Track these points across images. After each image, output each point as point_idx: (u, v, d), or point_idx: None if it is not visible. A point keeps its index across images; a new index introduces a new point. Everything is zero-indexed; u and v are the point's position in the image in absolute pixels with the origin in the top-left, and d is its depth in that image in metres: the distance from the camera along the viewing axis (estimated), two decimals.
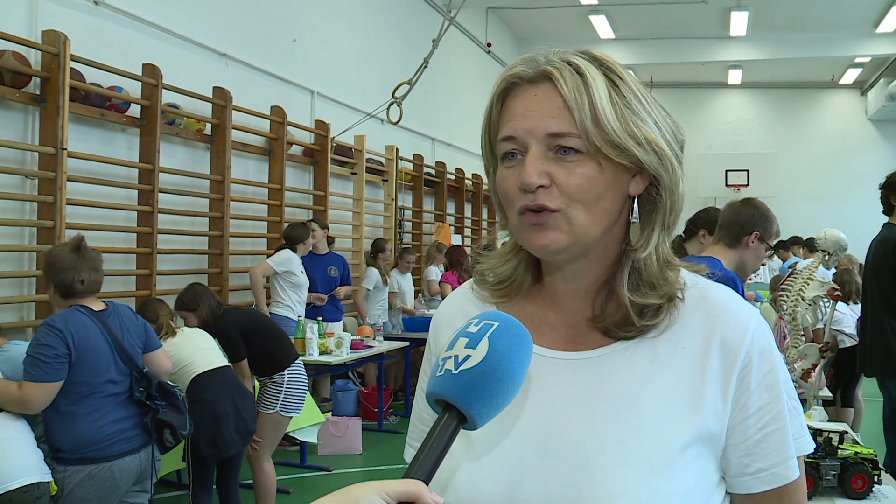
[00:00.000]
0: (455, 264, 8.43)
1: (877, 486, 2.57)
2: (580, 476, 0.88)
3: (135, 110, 5.35)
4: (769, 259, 9.59)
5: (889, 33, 13.00)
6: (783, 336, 3.52)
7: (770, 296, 6.63)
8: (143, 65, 5.36)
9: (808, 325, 3.61)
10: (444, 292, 8.28)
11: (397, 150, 9.26)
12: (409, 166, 9.82)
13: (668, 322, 0.94)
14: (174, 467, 4.54)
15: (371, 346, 6.52)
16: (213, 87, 6.12)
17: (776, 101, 17.08)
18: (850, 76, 16.04)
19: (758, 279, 9.05)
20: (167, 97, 5.55)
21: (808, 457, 0.78)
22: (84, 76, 4.88)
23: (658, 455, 0.88)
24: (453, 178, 11.25)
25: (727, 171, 15.86)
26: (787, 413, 0.94)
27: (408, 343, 7.25)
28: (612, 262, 0.97)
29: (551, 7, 11.97)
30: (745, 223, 3.15)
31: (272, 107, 6.90)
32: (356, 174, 8.51)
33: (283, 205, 7.00)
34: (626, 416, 0.90)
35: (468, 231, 11.89)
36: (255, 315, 4.62)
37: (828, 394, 4.87)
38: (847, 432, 2.83)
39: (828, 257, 3.74)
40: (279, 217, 6.94)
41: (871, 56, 14.26)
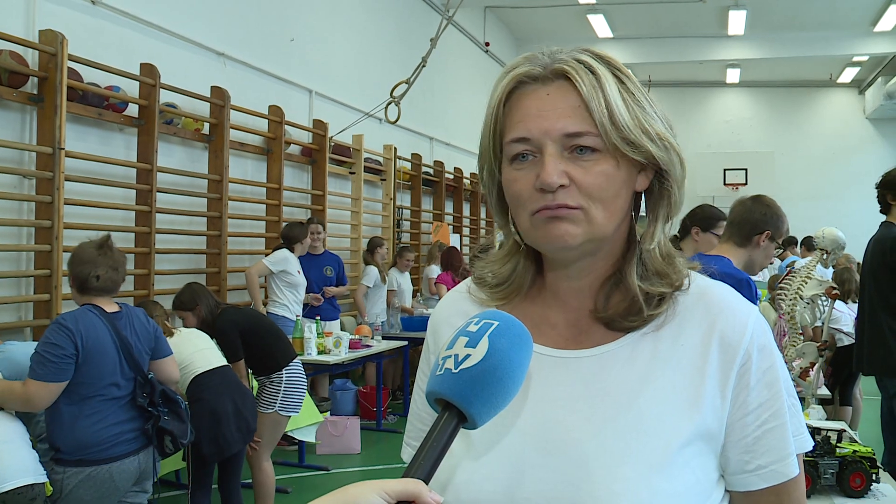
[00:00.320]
0: (450, 266, 8.44)
1: (875, 485, 2.58)
2: (580, 474, 0.88)
3: (133, 110, 5.34)
4: (777, 258, 9.57)
5: (887, 32, 13.01)
6: (782, 334, 3.53)
7: (768, 294, 6.63)
8: (141, 64, 5.36)
9: (807, 324, 3.61)
10: (440, 293, 8.29)
11: (395, 149, 9.26)
12: (408, 166, 9.82)
13: (668, 317, 0.94)
14: (174, 467, 4.54)
15: (370, 346, 6.52)
16: (211, 87, 6.12)
17: (774, 99, 17.09)
18: (848, 75, 16.06)
19: (756, 278, 9.04)
20: (165, 97, 5.54)
21: (807, 455, 0.78)
22: (82, 76, 4.87)
23: (658, 453, 0.88)
24: (451, 177, 11.25)
25: (725, 170, 15.88)
26: (786, 410, 0.94)
27: (406, 342, 7.25)
28: (617, 257, 0.97)
29: (549, 6, 11.98)
30: (757, 222, 3.09)
31: (270, 106, 6.90)
32: (354, 173, 8.51)
33: (282, 204, 7.00)
34: (625, 415, 0.90)
35: (466, 230, 11.89)
36: (253, 315, 4.62)
37: (826, 392, 4.88)
38: (845, 431, 2.84)
39: (826, 256, 3.75)
40: (277, 216, 6.94)
41: (869, 55, 14.27)
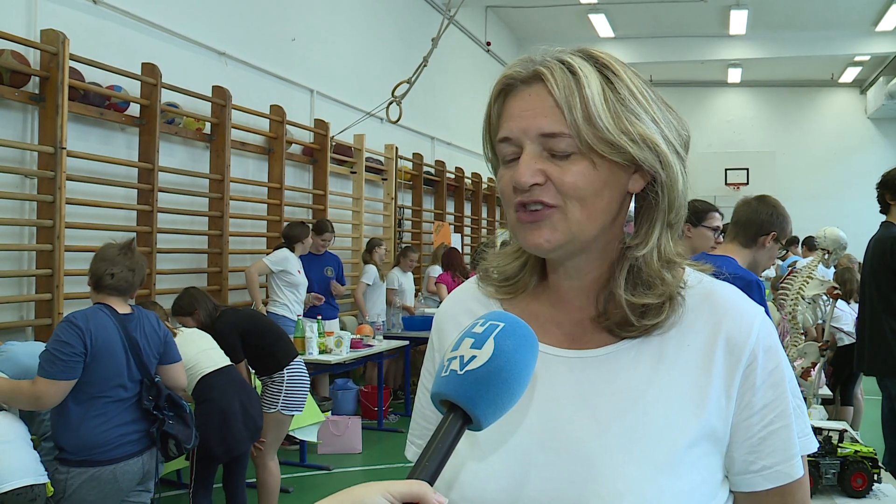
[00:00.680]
0: (450, 266, 8.45)
1: (877, 485, 2.58)
2: (585, 474, 0.88)
3: (134, 109, 5.35)
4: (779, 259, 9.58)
5: (888, 32, 13.00)
6: (784, 334, 3.53)
7: (771, 295, 6.63)
8: (143, 64, 5.36)
9: (809, 324, 3.61)
10: (440, 293, 8.29)
11: (397, 149, 9.26)
12: (409, 165, 9.82)
13: (673, 320, 0.94)
14: (175, 466, 4.54)
15: (371, 345, 6.52)
16: (213, 87, 6.12)
17: (776, 99, 17.08)
18: (850, 75, 16.05)
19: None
20: (166, 96, 5.54)
21: (808, 455, 0.78)
22: (83, 75, 4.87)
23: (663, 453, 0.88)
24: (453, 176, 11.24)
25: (727, 169, 15.87)
26: (791, 411, 0.94)
27: (407, 342, 7.25)
28: (613, 259, 0.96)
29: (551, 6, 11.98)
30: (763, 223, 3.10)
31: (271, 106, 6.90)
32: (356, 173, 8.51)
33: (283, 204, 7.00)
34: (631, 414, 0.90)
35: (468, 230, 11.89)
36: (252, 315, 4.62)
37: (827, 392, 4.87)
38: (847, 431, 2.83)
39: (827, 256, 3.74)
40: (279, 216, 6.94)
41: (871, 55, 14.26)
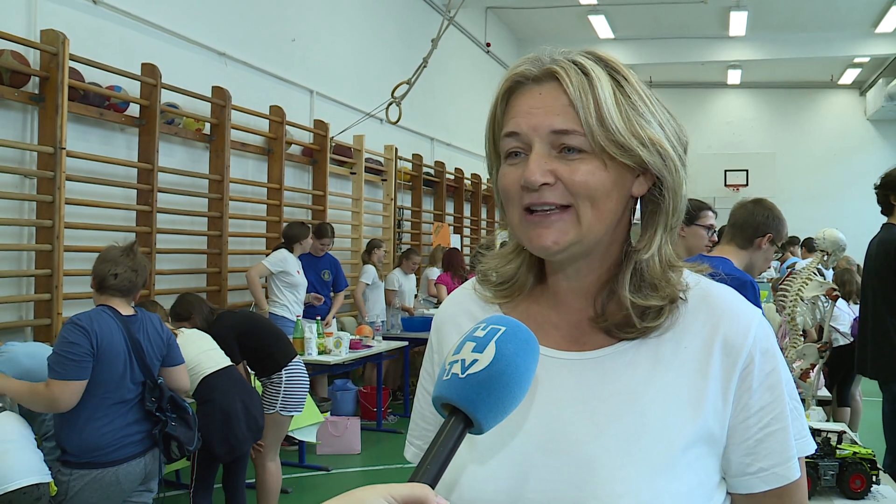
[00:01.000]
0: (450, 267, 8.45)
1: (875, 487, 2.58)
2: (583, 475, 0.89)
3: (134, 110, 5.35)
4: (776, 261, 9.58)
5: (888, 33, 13.01)
6: (783, 336, 3.53)
7: (769, 295, 6.63)
8: (142, 64, 5.36)
9: (809, 326, 3.61)
10: (439, 294, 8.29)
11: (396, 149, 9.26)
12: (409, 166, 9.82)
13: (671, 322, 0.94)
14: (175, 466, 4.54)
15: (370, 346, 6.52)
16: (213, 87, 6.12)
17: (775, 101, 17.09)
18: (850, 76, 16.05)
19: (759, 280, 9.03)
20: (166, 97, 5.55)
21: (807, 457, 0.78)
22: (83, 75, 4.87)
23: (660, 454, 0.89)
24: (452, 177, 11.24)
25: (726, 171, 15.86)
26: (788, 413, 0.94)
27: (407, 343, 7.25)
28: (613, 261, 0.97)
29: (551, 7, 11.98)
30: (759, 225, 3.13)
31: (271, 106, 6.90)
32: (355, 174, 8.51)
33: (282, 204, 7.00)
34: (628, 416, 0.91)
35: (467, 231, 11.89)
36: (249, 317, 4.62)
37: (826, 393, 4.87)
38: (846, 432, 2.84)
39: (827, 257, 3.74)
40: (278, 217, 6.94)
41: (870, 56, 14.27)
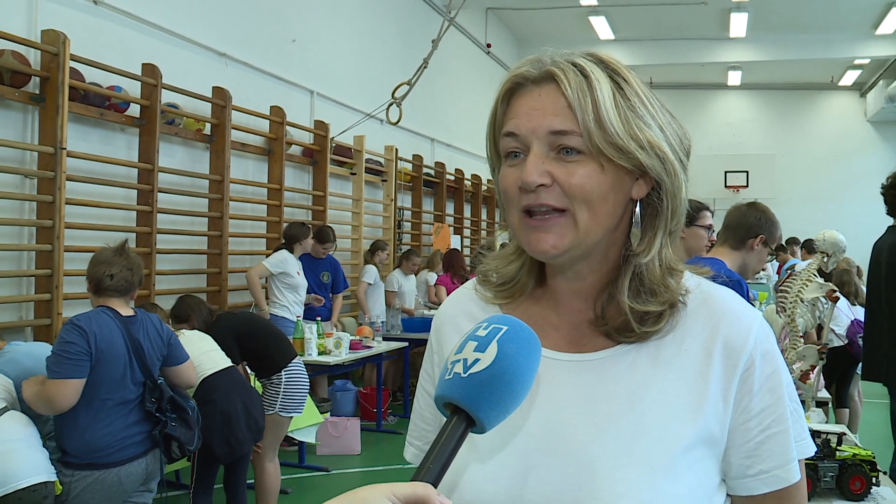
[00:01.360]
0: (450, 267, 8.45)
1: (875, 488, 2.58)
2: (583, 476, 0.89)
3: (134, 110, 5.35)
4: (769, 262, 9.59)
5: (888, 35, 13.01)
6: (783, 337, 3.53)
7: (770, 297, 6.63)
8: (143, 64, 5.37)
9: (810, 328, 3.61)
10: (438, 295, 8.29)
11: (396, 150, 9.26)
12: (409, 167, 9.82)
13: (671, 325, 0.94)
14: (176, 466, 4.54)
15: (370, 347, 6.52)
16: (213, 87, 6.12)
17: (775, 102, 17.09)
18: (850, 78, 16.06)
19: (759, 282, 9.05)
20: (166, 97, 5.55)
21: (807, 458, 0.78)
22: (83, 76, 4.88)
23: (660, 456, 0.89)
24: (452, 178, 11.25)
25: (726, 172, 15.87)
26: (789, 416, 0.94)
27: (407, 343, 7.25)
28: (613, 264, 0.97)
29: (551, 8, 11.98)
30: (751, 226, 3.20)
31: (271, 107, 6.90)
32: (355, 174, 8.51)
33: (283, 205, 7.00)
34: (628, 417, 0.91)
35: (467, 231, 11.89)
36: (248, 318, 4.62)
37: (825, 395, 4.87)
38: (846, 434, 2.84)
39: (826, 259, 3.74)
40: (278, 217, 6.94)
41: (871, 58, 14.27)
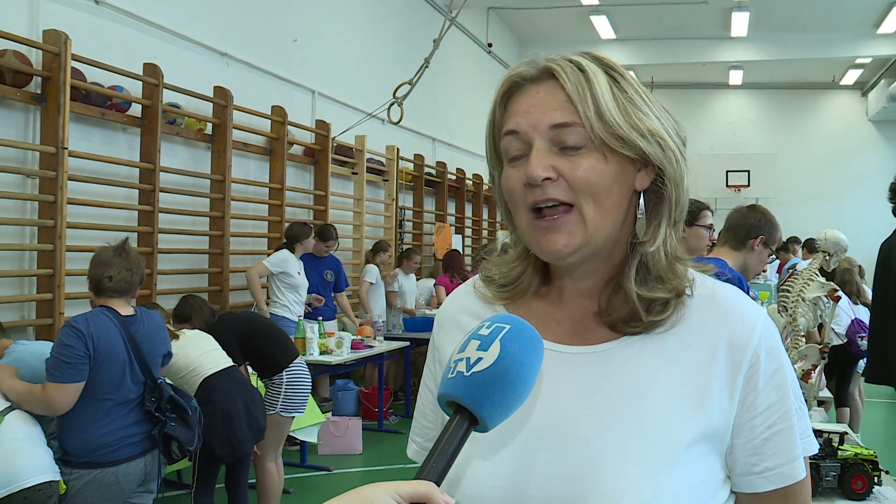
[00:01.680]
0: (450, 268, 8.48)
1: (877, 488, 2.58)
2: (585, 471, 0.89)
3: (136, 110, 5.35)
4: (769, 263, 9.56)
5: (890, 34, 12.99)
6: (785, 336, 3.53)
7: (771, 296, 6.62)
8: (144, 64, 5.37)
9: (811, 327, 3.61)
10: (438, 295, 8.29)
11: (398, 150, 9.26)
12: (410, 166, 9.82)
13: (675, 319, 0.94)
14: (177, 466, 4.54)
15: (371, 346, 6.52)
16: (214, 87, 6.13)
17: (777, 101, 17.08)
18: (851, 77, 16.04)
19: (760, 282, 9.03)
20: (168, 97, 5.55)
21: (809, 457, 0.78)
22: (85, 75, 4.88)
23: (663, 451, 0.88)
24: (454, 178, 11.24)
25: (728, 171, 15.87)
26: (794, 413, 0.94)
27: (408, 343, 7.25)
28: (620, 259, 0.97)
29: (552, 7, 11.97)
30: (751, 227, 3.27)
31: (273, 106, 6.90)
32: (357, 174, 8.51)
33: (284, 204, 7.00)
34: (631, 413, 0.91)
35: (469, 231, 11.89)
36: (250, 318, 4.62)
37: (827, 394, 4.87)
38: (847, 433, 2.84)
39: (828, 258, 3.74)
40: (280, 217, 6.94)
41: (872, 57, 14.26)
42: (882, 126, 16.62)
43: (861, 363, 6.06)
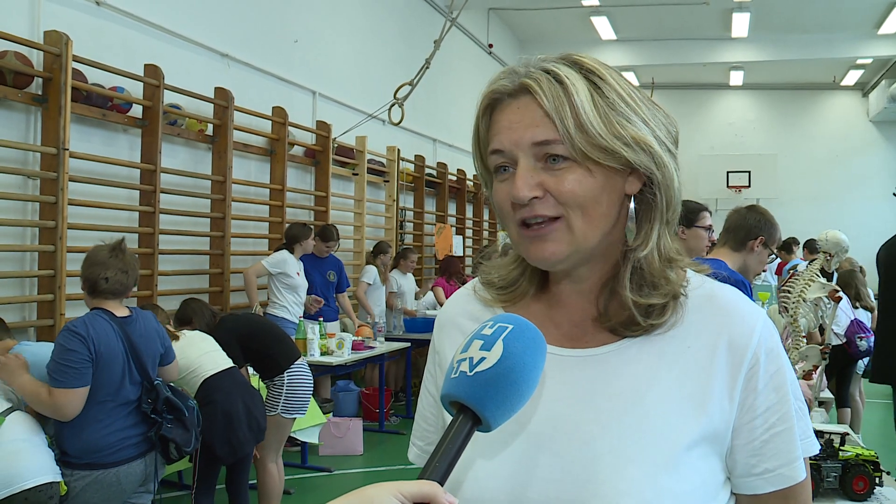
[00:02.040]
0: (446, 272, 8.49)
1: (878, 488, 2.57)
2: (586, 473, 0.88)
3: (136, 111, 5.35)
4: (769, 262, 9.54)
5: (891, 35, 12.99)
6: (786, 337, 3.53)
7: (772, 297, 6.62)
8: (145, 65, 5.37)
9: (812, 327, 3.61)
10: (437, 296, 8.29)
11: (399, 150, 9.26)
12: (411, 167, 9.82)
13: (674, 320, 0.94)
14: (178, 467, 4.54)
15: (372, 347, 6.52)
16: (215, 88, 6.13)
17: (778, 102, 17.07)
18: (852, 77, 16.03)
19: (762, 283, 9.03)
20: (169, 97, 5.55)
21: (810, 458, 0.78)
22: (86, 76, 4.88)
23: (664, 453, 0.88)
24: (455, 178, 11.25)
25: (728, 172, 15.87)
26: (794, 414, 0.94)
27: (409, 344, 7.25)
28: (615, 261, 0.97)
29: (553, 8, 11.97)
30: (751, 228, 3.27)
31: (274, 107, 6.90)
32: (357, 175, 8.52)
33: (285, 205, 7.00)
34: (631, 414, 0.90)
35: (469, 232, 11.89)
36: (251, 319, 4.62)
37: (828, 395, 4.86)
38: (849, 434, 2.83)
39: (829, 259, 3.74)
40: (280, 218, 6.95)
41: (873, 57, 14.25)
42: (883, 127, 16.61)
43: (860, 364, 6.06)
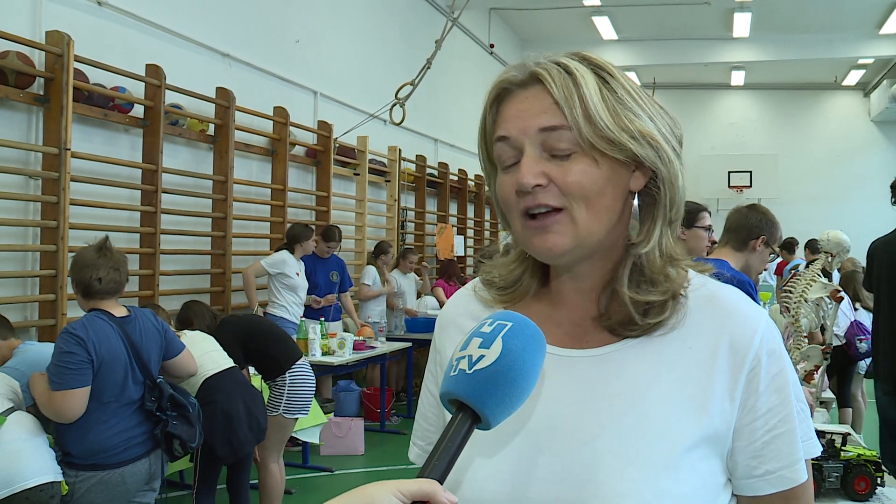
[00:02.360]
0: (445, 274, 8.49)
1: (880, 489, 2.57)
2: (585, 475, 0.88)
3: (138, 111, 5.36)
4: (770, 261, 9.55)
5: (892, 35, 12.98)
6: (787, 337, 3.53)
7: (773, 297, 6.62)
8: (147, 65, 5.38)
9: (814, 328, 3.61)
10: (437, 297, 8.30)
11: (400, 150, 9.27)
12: (412, 167, 9.82)
13: (675, 321, 0.94)
14: (179, 467, 4.54)
15: (373, 347, 6.52)
16: (217, 88, 6.13)
17: (779, 102, 17.07)
18: (853, 77, 16.03)
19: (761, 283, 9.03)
20: (170, 98, 5.56)
21: (812, 459, 0.78)
22: (87, 76, 4.89)
23: (664, 455, 0.88)
24: (456, 178, 11.25)
25: (730, 172, 15.88)
26: (795, 415, 0.93)
27: (410, 344, 7.25)
28: (617, 259, 0.96)
29: (554, 8, 11.97)
30: (752, 227, 3.26)
31: (275, 107, 6.91)
32: (359, 175, 8.52)
33: (286, 205, 7.01)
34: (631, 415, 0.90)
35: (470, 232, 11.90)
36: (252, 320, 4.61)
37: (829, 395, 4.86)
38: (850, 434, 2.83)
39: (830, 259, 3.74)
40: (282, 217, 6.95)
41: (874, 57, 14.25)
42: (884, 127, 16.61)
43: (861, 364, 6.04)
